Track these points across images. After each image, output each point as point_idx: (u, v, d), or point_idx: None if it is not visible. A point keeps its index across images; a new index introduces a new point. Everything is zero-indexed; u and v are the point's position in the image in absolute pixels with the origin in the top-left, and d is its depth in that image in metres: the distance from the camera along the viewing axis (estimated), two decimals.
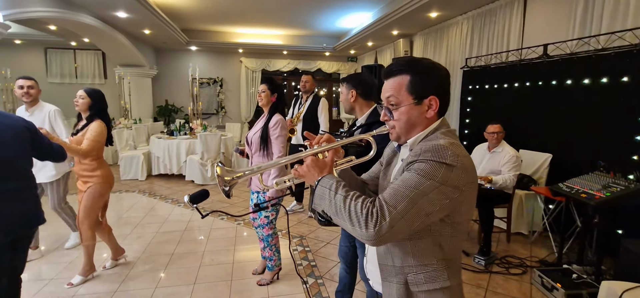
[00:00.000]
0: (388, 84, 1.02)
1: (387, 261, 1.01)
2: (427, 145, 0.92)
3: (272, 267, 2.73)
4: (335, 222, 0.92)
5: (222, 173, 1.02)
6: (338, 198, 0.89)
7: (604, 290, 1.83)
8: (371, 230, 0.82)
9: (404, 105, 0.99)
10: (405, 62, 1.00)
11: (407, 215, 0.84)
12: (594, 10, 3.58)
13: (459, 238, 0.97)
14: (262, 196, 2.52)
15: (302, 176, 1.03)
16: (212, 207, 4.61)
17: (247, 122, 10.34)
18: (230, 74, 10.32)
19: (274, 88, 2.54)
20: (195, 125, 6.44)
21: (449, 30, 6.11)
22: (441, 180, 0.86)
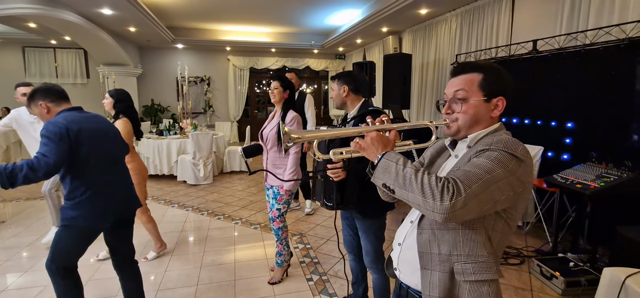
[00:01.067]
0: (457, 80, 1.06)
1: (432, 249, 1.01)
2: (497, 138, 0.95)
3: (281, 263, 2.73)
4: (399, 195, 0.92)
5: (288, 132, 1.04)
6: (408, 171, 0.90)
7: (606, 277, 1.90)
8: (446, 203, 0.83)
9: (474, 100, 1.02)
10: (480, 63, 1.06)
11: (479, 196, 0.86)
12: (581, 6, 3.70)
13: (507, 235, 1.00)
14: (278, 189, 2.54)
15: (363, 149, 1.03)
16: (206, 207, 4.55)
17: (236, 120, 10.23)
18: (217, 73, 10.17)
19: (286, 85, 2.56)
20: (185, 124, 6.32)
21: (438, 27, 6.20)
22: (511, 171, 0.90)
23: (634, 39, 2.97)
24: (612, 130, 3.08)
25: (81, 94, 9.48)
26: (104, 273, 2.88)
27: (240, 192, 5.27)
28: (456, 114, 1.04)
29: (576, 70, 3.47)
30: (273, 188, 2.58)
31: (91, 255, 3.18)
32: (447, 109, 1.07)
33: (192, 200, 4.85)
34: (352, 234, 2.14)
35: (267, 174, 2.62)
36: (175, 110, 9.72)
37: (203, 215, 4.25)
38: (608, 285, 1.85)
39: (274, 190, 2.57)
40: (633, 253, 2.23)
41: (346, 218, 2.13)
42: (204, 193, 5.21)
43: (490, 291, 0.96)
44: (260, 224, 3.93)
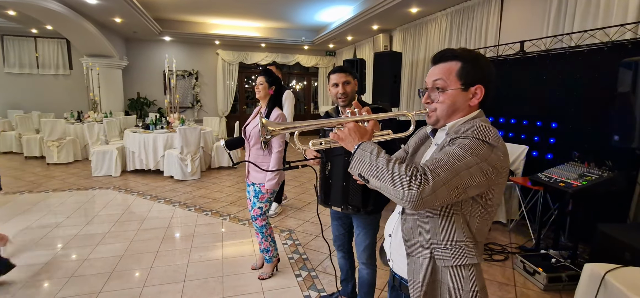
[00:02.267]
0: (437, 69, 1.06)
1: (415, 237, 1.04)
2: (470, 125, 0.97)
3: (270, 258, 2.72)
4: (373, 185, 0.94)
5: (266, 124, 1.06)
6: (381, 161, 0.92)
7: (586, 272, 1.95)
8: (414, 191, 0.84)
9: (451, 89, 1.03)
10: (458, 50, 1.05)
11: (448, 182, 0.87)
12: (567, 9, 3.78)
13: (486, 222, 1.01)
14: (260, 187, 2.52)
15: (341, 140, 1.05)
16: (194, 202, 4.49)
17: (224, 116, 10.11)
18: (206, 67, 10.03)
19: (272, 80, 2.51)
20: (172, 119, 6.21)
21: (428, 26, 6.25)
22: (482, 157, 0.91)
23: (616, 42, 3.06)
24: (594, 131, 3.17)
25: (63, 86, 9.23)
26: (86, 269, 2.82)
27: (229, 188, 5.22)
28: (435, 103, 1.05)
29: (561, 71, 3.55)
30: (254, 186, 2.55)
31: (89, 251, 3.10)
32: (426, 99, 1.08)
33: (179, 196, 4.78)
34: (344, 232, 2.14)
35: (248, 171, 2.60)
36: (161, 104, 9.55)
37: (190, 211, 4.20)
38: (588, 280, 1.91)
39: (256, 188, 2.54)
40: (612, 250, 2.30)
41: (340, 219, 2.13)
42: (192, 188, 5.14)
43: (470, 275, 0.98)
44: (248, 220, 3.91)
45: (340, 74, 1.91)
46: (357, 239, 2.03)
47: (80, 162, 6.83)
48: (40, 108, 8.79)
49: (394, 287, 1.18)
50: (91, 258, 2.99)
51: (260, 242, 2.71)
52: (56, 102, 9.09)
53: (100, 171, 5.76)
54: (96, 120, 7.00)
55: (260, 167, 2.45)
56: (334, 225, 2.17)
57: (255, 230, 2.69)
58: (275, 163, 2.47)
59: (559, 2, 3.87)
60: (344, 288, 2.31)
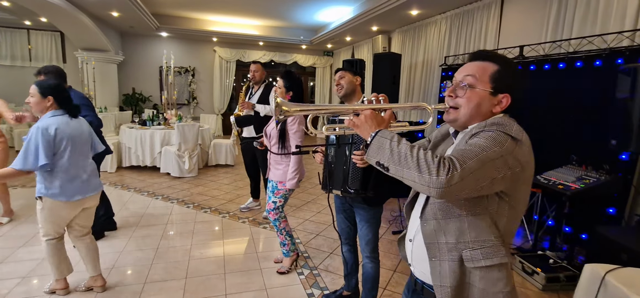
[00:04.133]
0: (471, 65, 1.03)
1: (439, 238, 1.00)
2: (492, 120, 0.96)
3: (288, 252, 2.76)
4: (394, 172, 0.91)
5: (281, 103, 1.03)
6: (403, 147, 0.89)
7: (587, 272, 1.99)
8: (442, 177, 0.82)
9: (480, 89, 1.00)
10: (498, 55, 1.03)
11: (475, 172, 0.84)
12: (566, 16, 3.85)
13: (514, 222, 0.99)
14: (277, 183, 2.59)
15: (357, 126, 1.02)
16: (192, 199, 4.46)
17: (221, 113, 10.06)
18: (203, 64, 9.96)
19: (291, 84, 2.57)
20: (169, 115, 6.16)
21: (428, 29, 6.30)
22: (507, 149, 0.89)
23: (614, 49, 3.13)
24: (592, 135, 3.23)
25: None
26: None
27: (227, 185, 5.19)
28: (459, 99, 1.02)
29: (560, 77, 3.61)
30: (272, 182, 2.63)
31: None
32: (450, 92, 1.04)
33: (177, 193, 4.75)
34: (349, 224, 2.17)
35: (269, 167, 2.66)
36: (157, 100, 9.47)
37: (189, 208, 4.17)
38: (588, 280, 1.95)
39: (273, 183, 2.62)
40: (609, 251, 2.36)
41: (345, 211, 2.15)
42: (189, 185, 5.11)
43: (500, 275, 0.95)
44: (248, 218, 3.90)
45: (338, 73, 2.10)
46: (360, 233, 2.05)
47: None
48: None
49: (415, 291, 1.16)
50: None
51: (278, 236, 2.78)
52: None
53: None
54: None
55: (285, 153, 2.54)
56: (340, 217, 2.20)
57: (273, 224, 2.74)
58: (295, 162, 2.54)
59: (558, 9, 3.94)
60: (347, 283, 2.33)
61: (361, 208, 1.98)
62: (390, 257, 3.09)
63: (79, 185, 2.16)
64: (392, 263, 2.97)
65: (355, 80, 2.05)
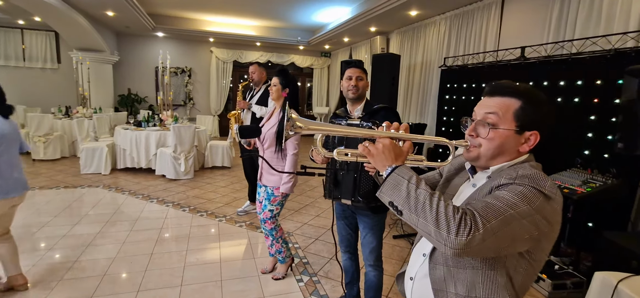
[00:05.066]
0: (492, 101, 0.95)
1: (448, 287, 0.92)
2: (524, 171, 0.86)
3: (284, 259, 2.67)
4: (408, 219, 0.82)
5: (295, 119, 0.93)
6: (422, 193, 0.81)
7: (597, 281, 1.93)
8: (462, 238, 0.74)
9: (503, 128, 0.92)
10: (520, 87, 0.94)
11: (498, 233, 0.76)
12: (569, 16, 3.80)
13: (531, 278, 0.91)
14: (273, 189, 2.46)
15: (372, 155, 0.93)
16: (188, 203, 4.37)
17: (217, 115, 9.95)
18: (199, 64, 9.86)
19: (287, 82, 2.46)
20: (165, 116, 6.06)
21: (427, 30, 6.24)
22: (537, 208, 0.80)
23: (620, 50, 3.07)
24: (597, 138, 3.17)
25: (51, 80, 8.95)
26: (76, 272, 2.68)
27: (223, 188, 5.10)
28: (480, 138, 0.94)
29: (563, 78, 3.55)
30: (267, 189, 2.49)
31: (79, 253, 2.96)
32: (471, 131, 0.96)
33: (172, 196, 4.65)
34: (351, 232, 2.08)
35: (262, 172, 2.54)
36: (153, 101, 9.35)
37: (184, 212, 4.07)
38: (600, 289, 1.88)
39: (268, 190, 2.48)
40: (618, 257, 2.29)
41: (346, 218, 2.06)
42: (185, 188, 5.01)
43: None
44: (245, 222, 3.81)
45: (355, 69, 1.96)
46: (364, 241, 1.97)
47: (68, 158, 6.60)
48: (27, 102, 8.48)
49: None
50: (81, 260, 2.85)
51: (270, 245, 2.66)
52: (43, 97, 8.79)
53: (89, 168, 5.57)
54: (85, 115, 6.78)
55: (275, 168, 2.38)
56: (340, 225, 2.11)
57: (265, 233, 2.62)
58: (291, 165, 2.42)
59: (560, 10, 3.89)
60: (349, 292, 2.24)
61: (365, 215, 1.90)
62: (391, 262, 3.01)
63: (13, 183, 2.19)
64: (393, 269, 2.89)
65: (367, 85, 1.96)
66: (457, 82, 5.02)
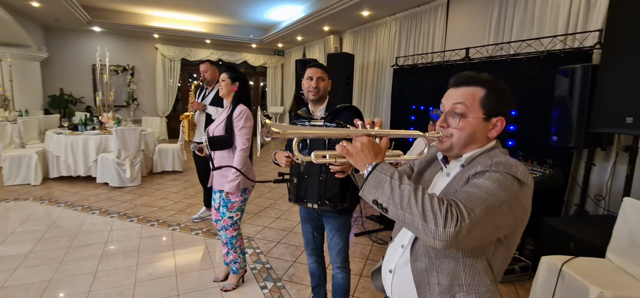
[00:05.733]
0: (458, 91, 0.98)
1: (431, 279, 0.93)
2: (498, 159, 0.89)
3: (237, 269, 2.53)
4: (394, 214, 0.82)
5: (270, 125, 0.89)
6: (405, 188, 0.81)
7: (544, 264, 2.10)
8: (450, 230, 0.75)
9: (472, 117, 0.95)
10: (484, 76, 0.98)
11: (483, 222, 0.79)
12: (506, 20, 4.12)
13: (506, 261, 0.95)
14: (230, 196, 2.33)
15: (351, 155, 0.91)
16: (136, 212, 4.04)
17: (165, 116, 9.37)
18: (143, 62, 9.20)
19: (236, 76, 2.36)
20: (105, 118, 5.55)
21: (378, 30, 6.41)
22: (513, 194, 0.83)
23: (551, 52, 3.38)
24: (535, 132, 3.47)
25: None
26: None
27: (175, 194, 4.80)
28: (451, 129, 0.97)
29: (504, 77, 3.82)
30: (222, 194, 2.36)
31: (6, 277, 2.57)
32: (442, 122, 0.99)
33: (118, 205, 4.27)
34: (317, 235, 2.05)
35: (212, 175, 2.40)
36: (90, 102, 8.55)
37: (132, 222, 3.76)
38: (546, 272, 2.05)
39: (223, 196, 2.33)
40: (558, 241, 2.52)
41: (312, 221, 2.02)
42: (132, 196, 4.63)
43: None
44: (201, 230, 3.61)
45: (316, 69, 1.91)
46: (330, 243, 1.94)
47: None
48: None
49: None
50: (8, 286, 2.50)
51: (226, 253, 2.53)
52: None
53: (15, 179, 4.92)
54: (8, 119, 5.99)
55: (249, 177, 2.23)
56: (306, 228, 2.06)
57: (222, 240, 2.50)
58: (239, 162, 2.28)
59: (498, 14, 4.20)
60: (315, 295, 2.20)
61: (332, 217, 1.87)
62: (355, 260, 3.03)
63: None
64: (357, 267, 2.92)
65: (329, 85, 1.93)
66: (408, 81, 5.21)
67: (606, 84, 2.41)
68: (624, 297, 1.69)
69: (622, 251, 2.00)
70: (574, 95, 2.74)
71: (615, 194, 2.98)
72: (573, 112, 2.75)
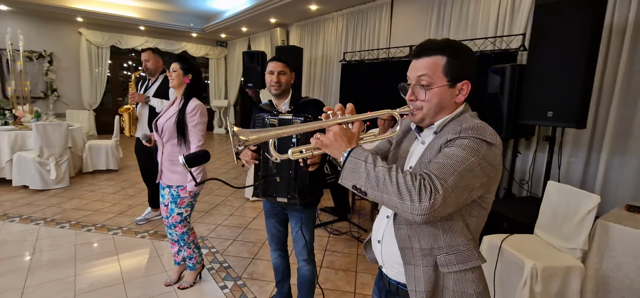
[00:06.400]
0: (420, 63, 0.99)
1: (413, 243, 0.98)
2: (467, 124, 0.93)
3: (194, 265, 2.43)
4: (373, 196, 0.86)
5: (238, 132, 0.93)
6: (380, 170, 0.85)
7: (485, 243, 2.34)
8: (425, 203, 0.80)
9: (437, 87, 0.97)
10: (442, 43, 0.99)
11: (456, 189, 0.84)
12: (444, 20, 4.46)
13: (483, 219, 1.01)
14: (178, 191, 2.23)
15: (326, 146, 0.94)
16: (67, 217, 3.63)
17: (92, 109, 8.46)
18: (64, 48, 8.16)
19: (188, 67, 2.23)
20: (21, 112, 4.85)
21: (326, 25, 6.49)
22: (483, 156, 0.88)
23: (484, 52, 3.75)
24: None
25: None
26: None
27: (112, 195, 4.38)
28: (420, 101, 1.00)
29: None
30: (171, 190, 2.25)
31: None
32: (410, 96, 1.02)
33: (42, 211, 3.77)
34: (281, 229, 2.04)
35: (161, 170, 2.27)
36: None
37: (64, 229, 3.36)
38: (488, 249, 2.30)
39: (173, 192, 2.23)
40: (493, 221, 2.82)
41: (276, 215, 2.00)
42: (59, 200, 4.12)
43: (474, 277, 0.98)
44: (148, 232, 3.36)
45: (277, 63, 1.88)
46: (296, 236, 1.94)
47: None
48: None
49: (390, 292, 1.13)
50: None
51: (176, 252, 2.45)
52: None
53: None
54: None
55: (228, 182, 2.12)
56: (270, 222, 2.04)
57: (172, 238, 2.39)
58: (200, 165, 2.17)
59: (437, 14, 4.52)
60: (280, 290, 2.20)
61: (297, 210, 1.88)
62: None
63: None
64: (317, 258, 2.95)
65: (292, 77, 1.91)
66: (356, 76, 5.38)
67: (531, 82, 2.75)
68: (551, 266, 1.97)
69: (546, 227, 2.32)
70: (504, 91, 3.08)
71: (536, 178, 3.43)
72: (504, 106, 3.08)
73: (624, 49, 2.91)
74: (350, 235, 3.41)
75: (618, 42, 2.95)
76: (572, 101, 2.48)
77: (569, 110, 2.50)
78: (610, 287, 2.07)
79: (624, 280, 2.02)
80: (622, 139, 2.97)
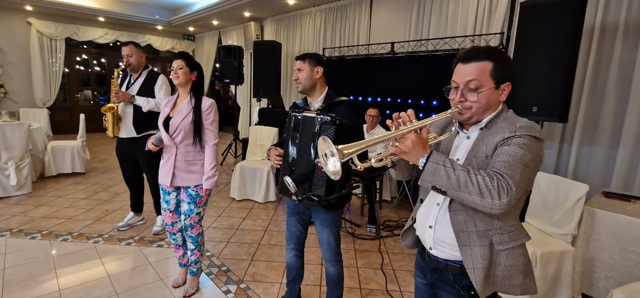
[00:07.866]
0: (470, 68, 1.11)
1: (469, 227, 1.11)
2: (520, 123, 1.07)
3: (197, 271, 2.37)
4: (453, 195, 0.99)
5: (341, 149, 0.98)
6: (460, 173, 0.97)
7: None
8: (504, 200, 0.94)
9: (486, 89, 1.10)
10: (488, 50, 1.13)
11: (521, 184, 0.99)
12: (424, 18, 4.59)
13: (522, 202, 1.16)
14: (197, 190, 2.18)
15: (405, 153, 1.03)
16: (36, 226, 3.32)
17: (46, 106, 7.75)
18: (11, 40, 7.39)
19: (193, 64, 2.17)
20: None
21: (303, 20, 6.43)
22: (536, 152, 1.03)
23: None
24: None
25: None
26: None
27: (84, 200, 4.06)
28: (469, 102, 1.11)
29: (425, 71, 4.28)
30: (188, 190, 2.18)
31: None
32: (460, 97, 1.13)
33: (6, 220, 3.41)
34: (301, 229, 2.01)
35: (174, 173, 2.17)
36: None
37: (35, 240, 3.06)
38: None
39: (191, 192, 2.17)
40: None
41: (298, 214, 1.97)
42: (24, 207, 3.75)
43: (522, 251, 1.13)
44: (133, 238, 3.16)
45: (297, 60, 1.90)
46: (321, 239, 1.93)
47: None
48: None
49: (438, 269, 1.23)
50: None
51: (181, 255, 2.39)
52: None
53: None
54: None
55: None
56: (292, 221, 2.02)
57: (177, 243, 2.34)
58: (214, 157, 2.17)
59: (418, 12, 4.65)
60: (290, 290, 2.17)
61: (321, 212, 1.86)
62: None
63: None
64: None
65: (315, 73, 1.86)
66: (336, 72, 5.38)
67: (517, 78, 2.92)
68: (548, 251, 2.13)
69: (537, 215, 2.50)
70: None
71: None
72: None
73: (592, 49, 3.19)
74: (345, 232, 3.44)
75: (586, 42, 3.21)
76: (555, 97, 2.66)
77: (552, 106, 2.68)
78: (595, 268, 2.27)
79: (608, 261, 2.23)
80: (590, 131, 3.26)
